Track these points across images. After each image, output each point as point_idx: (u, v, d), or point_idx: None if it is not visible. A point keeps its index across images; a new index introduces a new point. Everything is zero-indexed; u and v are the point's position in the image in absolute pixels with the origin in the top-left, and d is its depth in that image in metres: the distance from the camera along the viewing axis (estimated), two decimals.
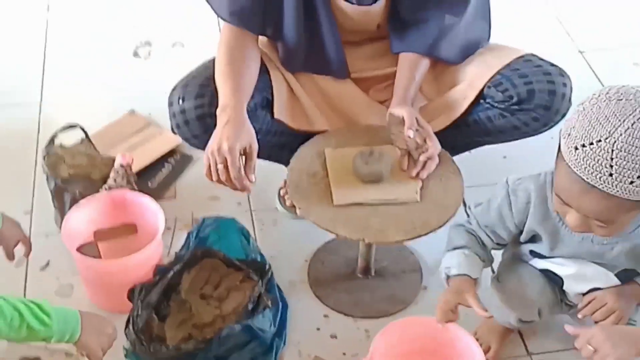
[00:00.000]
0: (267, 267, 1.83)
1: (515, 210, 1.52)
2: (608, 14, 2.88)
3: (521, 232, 1.55)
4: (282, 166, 1.88)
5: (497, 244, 1.61)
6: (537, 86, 1.78)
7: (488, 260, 1.62)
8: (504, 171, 1.63)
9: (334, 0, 1.76)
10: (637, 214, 1.34)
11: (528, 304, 1.64)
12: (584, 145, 1.25)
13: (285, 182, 2.12)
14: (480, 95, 1.83)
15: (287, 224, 2.08)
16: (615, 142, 1.21)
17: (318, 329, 1.83)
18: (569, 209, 1.35)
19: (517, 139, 1.88)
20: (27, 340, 1.39)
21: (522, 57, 1.85)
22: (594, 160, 1.23)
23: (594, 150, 1.23)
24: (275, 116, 1.83)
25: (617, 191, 1.24)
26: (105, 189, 1.92)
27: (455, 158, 1.81)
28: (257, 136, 1.75)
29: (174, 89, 1.80)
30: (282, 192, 2.12)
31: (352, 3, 1.77)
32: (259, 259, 1.87)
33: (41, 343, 1.68)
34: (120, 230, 1.88)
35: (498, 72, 1.82)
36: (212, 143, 1.65)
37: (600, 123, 1.23)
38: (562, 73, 1.80)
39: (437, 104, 1.88)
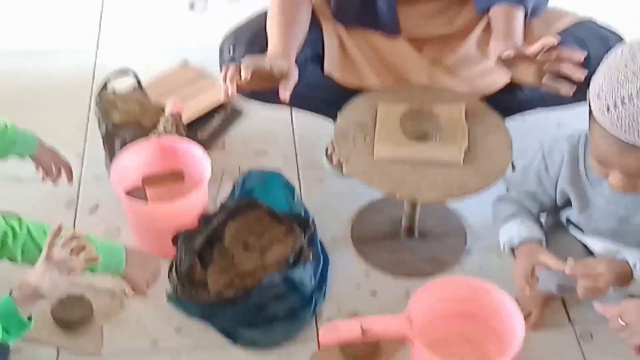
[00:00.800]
0: (311, 221, 1.83)
1: (552, 172, 1.50)
2: None
3: (556, 194, 1.54)
4: (332, 124, 1.88)
5: (541, 210, 1.59)
6: (592, 51, 1.74)
7: (541, 224, 1.60)
8: None
9: None
10: None
11: None
12: (615, 105, 1.22)
13: (332, 143, 2.12)
14: None
15: (333, 182, 2.08)
16: None
17: (359, 285, 1.84)
18: (610, 170, 1.33)
19: (568, 104, 1.85)
20: None
21: (580, 21, 1.81)
22: (628, 118, 1.21)
23: (626, 108, 1.21)
24: (326, 71, 1.83)
25: None
26: (155, 136, 1.94)
27: (508, 124, 1.78)
28: (307, 89, 1.76)
29: (225, 39, 1.81)
30: (329, 150, 2.12)
31: None
32: (302, 214, 1.87)
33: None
34: (168, 176, 1.89)
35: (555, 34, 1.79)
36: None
37: (628, 79, 1.21)
38: (619, 38, 1.76)
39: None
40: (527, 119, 1.98)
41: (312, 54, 1.81)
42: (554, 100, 1.85)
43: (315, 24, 1.82)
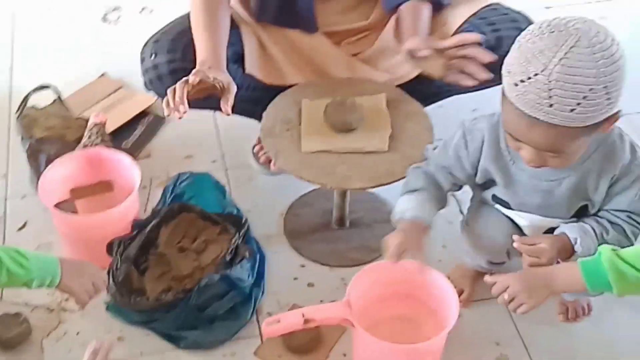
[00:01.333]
0: (244, 220, 1.85)
1: (471, 149, 1.55)
2: None
3: (476, 172, 1.59)
4: (256, 124, 1.90)
5: (454, 184, 1.63)
6: (505, 33, 1.81)
7: (443, 203, 1.64)
8: None
9: None
10: (586, 141, 1.38)
11: (496, 246, 1.68)
12: (522, 81, 1.28)
13: (259, 139, 2.14)
14: None
15: (262, 180, 2.11)
16: (550, 73, 1.25)
17: (295, 279, 1.87)
18: (522, 144, 1.39)
19: (487, 88, 1.92)
20: (9, 285, 1.40)
21: (488, 5, 1.89)
22: (534, 94, 1.27)
23: (532, 84, 1.27)
24: (247, 71, 1.86)
25: (560, 120, 1.28)
26: (81, 148, 1.93)
27: (427, 110, 1.84)
28: None
29: (145, 45, 1.82)
30: (256, 149, 2.14)
31: None
32: (235, 213, 1.89)
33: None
34: (97, 187, 1.89)
35: (466, 21, 1.86)
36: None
37: (536, 57, 1.27)
38: (528, 20, 1.84)
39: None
40: (444, 104, 2.04)
41: (232, 55, 1.83)
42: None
43: (233, 25, 1.84)
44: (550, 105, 1.27)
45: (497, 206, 1.66)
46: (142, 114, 2.25)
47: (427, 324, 1.67)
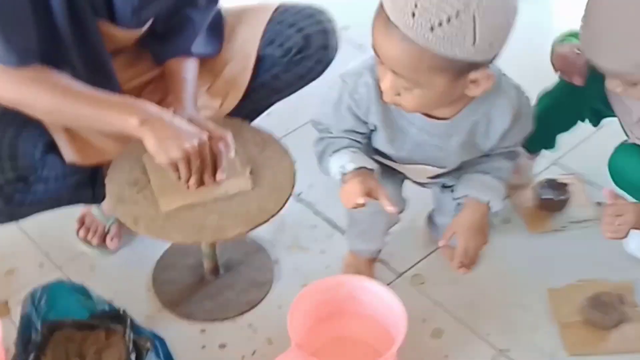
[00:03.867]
0: (122, 311, 1.66)
1: (362, 106, 1.50)
2: None
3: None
4: (68, 209, 1.74)
5: (365, 141, 1.58)
6: (310, 30, 1.81)
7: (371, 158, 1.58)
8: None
9: (100, 24, 1.60)
10: (447, 86, 1.34)
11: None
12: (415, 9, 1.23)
13: (80, 221, 1.93)
14: (258, 59, 1.81)
15: (106, 262, 1.90)
16: None
17: (204, 347, 1.72)
18: (382, 70, 1.37)
19: (302, 87, 1.90)
20: None
21: (277, 9, 1.85)
22: None
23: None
24: (67, 161, 1.65)
25: (416, 35, 1.25)
26: None
27: (258, 124, 1.78)
28: (56, 183, 1.60)
29: None
30: (81, 234, 1.92)
31: (123, 28, 1.64)
32: (108, 309, 1.69)
33: None
34: None
35: (265, 31, 1.81)
36: (185, 143, 1.50)
37: None
38: (321, 10, 1.85)
39: (220, 84, 1.83)
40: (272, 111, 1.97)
41: (44, 146, 1.61)
42: (286, 91, 1.89)
43: (25, 121, 1.61)
44: (413, 15, 1.23)
45: (379, 158, 1.62)
46: None
47: (376, 340, 1.62)
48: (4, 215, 1.58)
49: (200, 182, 1.55)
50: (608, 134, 1.82)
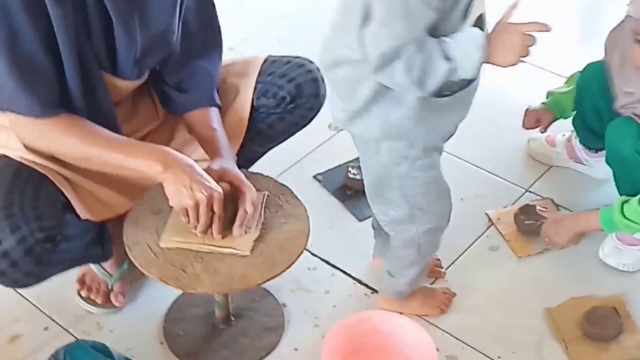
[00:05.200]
0: None
1: None
2: None
3: None
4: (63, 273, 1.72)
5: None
6: (301, 79, 1.88)
7: None
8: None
9: (103, 76, 1.64)
10: None
11: None
12: None
13: (81, 281, 1.92)
14: (252, 109, 1.87)
15: (111, 320, 1.89)
16: None
17: None
18: None
19: (294, 134, 1.97)
20: None
21: (265, 61, 1.92)
22: None
23: None
24: (82, 217, 1.65)
25: None
26: None
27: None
28: (75, 241, 1.62)
29: None
30: (84, 294, 1.91)
31: (124, 79, 1.68)
32: None
33: None
34: None
35: (256, 82, 1.87)
36: (197, 193, 1.55)
37: None
38: (310, 60, 1.92)
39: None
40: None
41: (62, 205, 1.62)
42: (280, 138, 1.95)
43: (44, 180, 1.62)
44: None
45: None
46: None
47: None
48: (34, 276, 1.57)
49: (206, 232, 1.60)
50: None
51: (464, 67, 1.37)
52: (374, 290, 1.95)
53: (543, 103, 2.20)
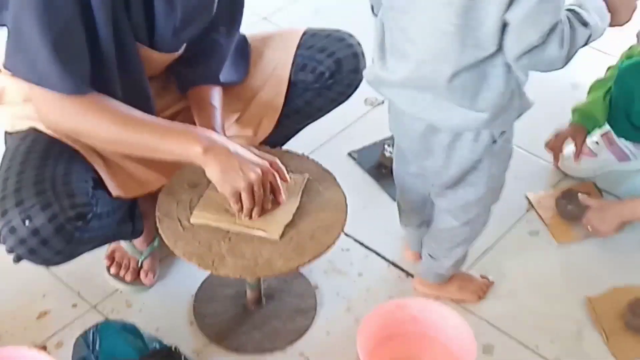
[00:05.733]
0: (175, 349, 1.64)
1: None
2: None
3: None
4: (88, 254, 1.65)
5: None
6: (341, 54, 1.82)
7: None
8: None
9: (139, 48, 1.58)
10: None
11: None
12: None
13: (110, 258, 1.88)
14: (290, 84, 1.81)
15: (141, 298, 1.85)
16: None
17: None
18: None
19: (331, 110, 1.91)
20: None
21: (305, 33, 1.85)
22: None
23: None
24: (114, 194, 1.61)
25: None
26: None
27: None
28: (106, 219, 1.58)
29: (4, 213, 1.47)
30: (113, 271, 1.88)
31: (161, 51, 1.62)
32: (159, 347, 1.65)
33: None
34: None
35: (295, 56, 1.81)
36: (250, 173, 1.47)
37: None
38: (350, 34, 1.85)
39: (252, 112, 1.82)
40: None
41: (93, 184, 1.58)
42: (317, 115, 1.89)
43: (76, 156, 1.58)
44: None
45: None
46: None
47: None
48: (64, 254, 1.52)
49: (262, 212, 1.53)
50: None
51: (597, 31, 1.37)
52: (409, 274, 1.90)
53: (572, 122, 2.09)
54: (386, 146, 2.16)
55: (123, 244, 1.87)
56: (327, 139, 2.24)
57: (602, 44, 2.36)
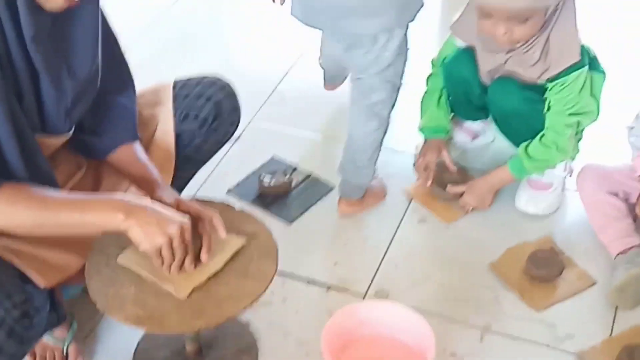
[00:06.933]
0: None
1: None
2: None
3: None
4: None
5: None
6: (218, 96, 1.85)
7: None
8: None
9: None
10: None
11: None
12: None
13: (32, 354, 1.77)
14: (176, 136, 1.82)
15: None
16: None
17: None
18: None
19: (217, 152, 1.94)
20: None
21: (174, 86, 1.87)
22: None
23: None
24: (42, 286, 1.53)
25: None
26: None
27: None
28: (43, 312, 1.52)
29: None
30: None
31: (55, 135, 1.58)
32: None
33: None
34: None
35: (175, 109, 1.83)
36: (168, 228, 1.44)
37: None
38: (218, 77, 1.89)
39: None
40: None
41: (21, 278, 1.50)
42: (207, 158, 1.92)
43: None
44: None
45: None
46: None
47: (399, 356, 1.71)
48: (17, 358, 1.44)
49: (181, 267, 1.52)
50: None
51: None
52: (329, 287, 1.97)
53: (426, 139, 2.22)
54: (261, 177, 2.21)
55: (43, 337, 1.78)
56: (203, 180, 2.25)
57: None
